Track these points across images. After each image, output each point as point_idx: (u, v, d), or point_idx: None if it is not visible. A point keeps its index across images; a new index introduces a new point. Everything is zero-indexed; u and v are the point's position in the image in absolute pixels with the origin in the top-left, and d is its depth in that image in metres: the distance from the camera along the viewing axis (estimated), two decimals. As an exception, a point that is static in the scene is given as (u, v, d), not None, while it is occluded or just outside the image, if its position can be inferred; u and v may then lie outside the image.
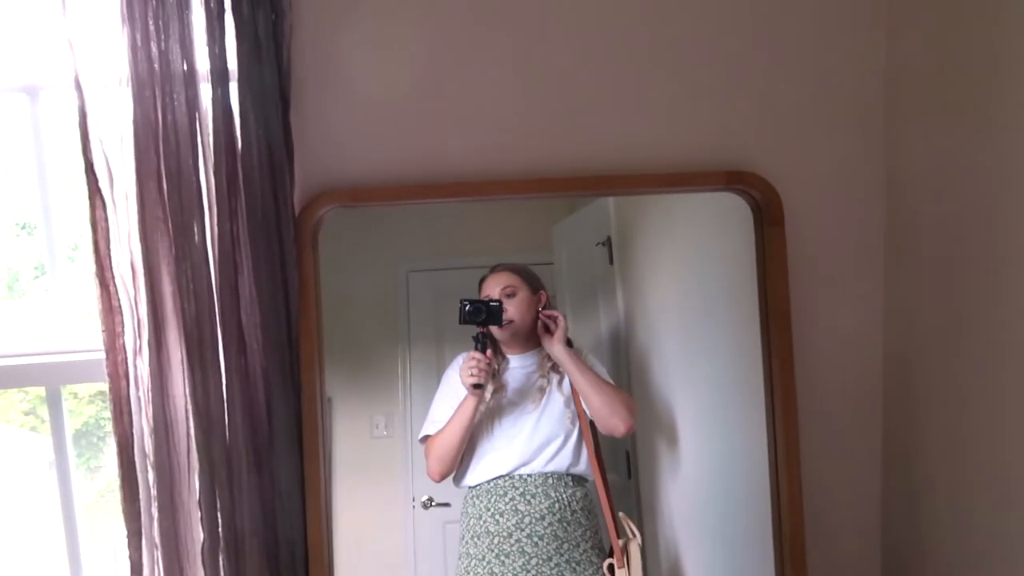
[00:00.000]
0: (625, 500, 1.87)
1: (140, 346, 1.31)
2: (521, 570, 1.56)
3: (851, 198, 1.55)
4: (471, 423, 1.56)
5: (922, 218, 1.44)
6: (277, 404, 1.35)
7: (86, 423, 2.80)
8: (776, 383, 1.50)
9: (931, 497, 1.45)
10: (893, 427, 1.57)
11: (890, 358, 1.56)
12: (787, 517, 1.49)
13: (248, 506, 1.31)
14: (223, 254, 1.31)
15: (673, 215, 1.83)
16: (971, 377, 1.31)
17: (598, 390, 1.62)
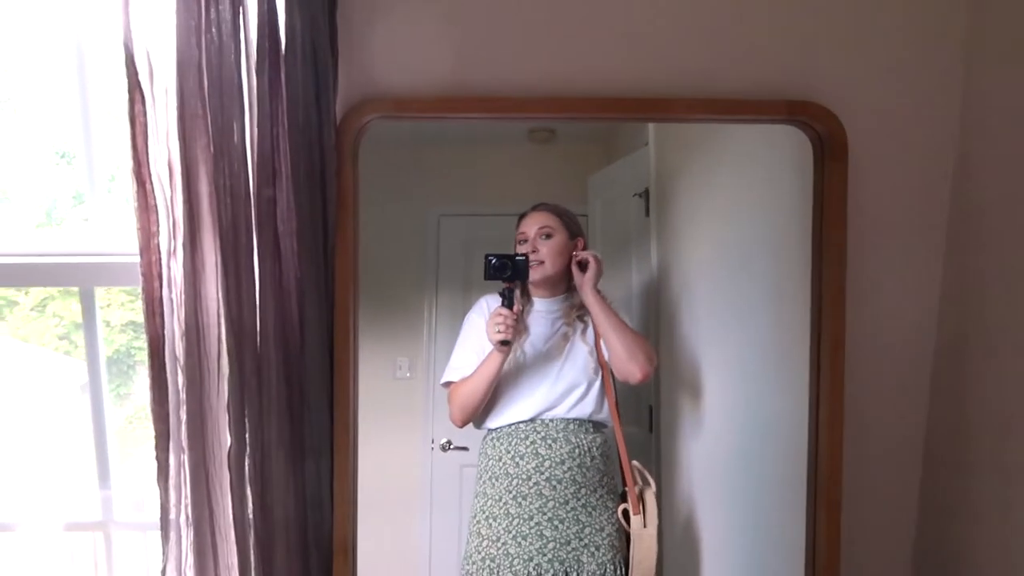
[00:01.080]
0: (645, 452, 1.85)
1: (175, 247, 1.29)
2: (537, 512, 1.56)
3: (920, 138, 1.46)
4: (496, 377, 1.55)
5: (996, 166, 1.36)
6: (310, 316, 1.32)
7: (117, 351, 2.83)
8: (825, 331, 1.43)
9: (979, 463, 1.39)
10: (944, 378, 1.50)
11: (946, 315, 1.49)
12: (825, 477, 1.43)
13: (276, 415, 1.29)
14: (262, 157, 1.28)
15: (719, 159, 1.77)
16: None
17: (620, 333, 1.60)
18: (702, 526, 1.81)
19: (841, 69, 1.43)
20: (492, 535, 1.60)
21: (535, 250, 1.61)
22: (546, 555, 1.57)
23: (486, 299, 1.67)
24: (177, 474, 1.29)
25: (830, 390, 1.42)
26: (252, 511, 1.31)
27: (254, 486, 1.29)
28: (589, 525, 1.60)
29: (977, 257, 1.40)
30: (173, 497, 1.29)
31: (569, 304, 1.66)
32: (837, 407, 1.40)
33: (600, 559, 1.60)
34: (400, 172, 1.89)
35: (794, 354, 1.53)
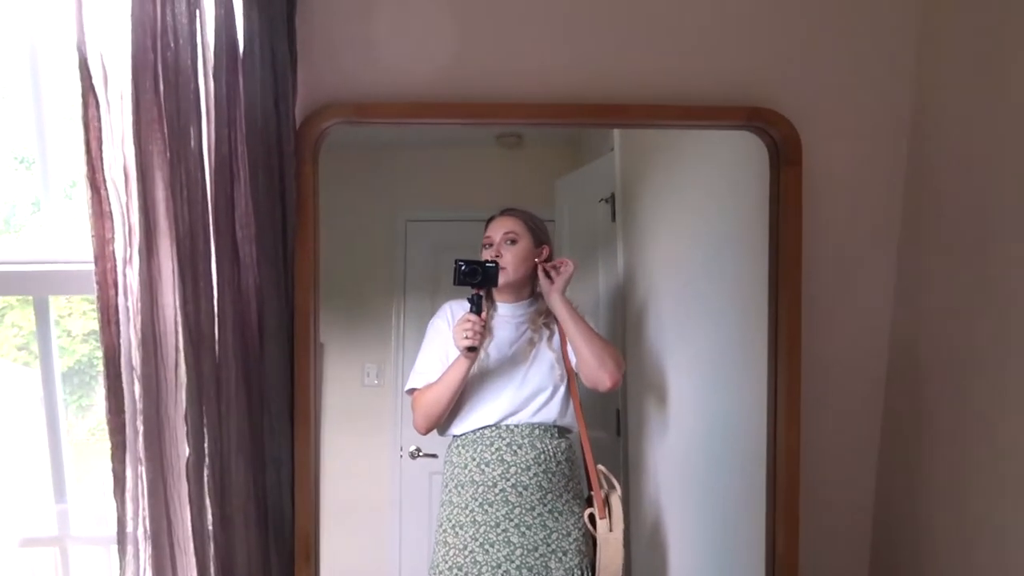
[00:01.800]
0: (613, 457, 1.85)
1: (131, 254, 1.27)
2: (504, 519, 1.55)
3: (873, 143, 1.49)
4: (462, 383, 1.54)
5: (947, 169, 1.38)
6: (270, 323, 1.30)
7: (79, 361, 2.77)
8: (781, 332, 1.45)
9: (931, 467, 1.41)
10: (898, 383, 1.52)
11: (901, 314, 1.51)
12: (783, 474, 1.45)
13: (235, 423, 1.28)
14: (219, 162, 1.26)
15: (681, 164, 1.79)
16: (985, 328, 1.26)
17: (589, 341, 1.60)
18: (669, 528, 1.82)
19: (796, 76, 1.46)
20: (459, 544, 1.59)
21: (499, 255, 1.61)
22: (514, 562, 1.57)
23: (450, 305, 1.66)
24: (134, 486, 1.26)
25: (787, 390, 1.44)
26: (212, 522, 1.29)
27: (213, 496, 1.27)
28: (556, 530, 1.59)
29: (929, 258, 1.43)
30: (130, 509, 1.26)
31: (535, 310, 1.65)
32: (794, 407, 1.42)
33: (568, 564, 1.60)
34: (367, 177, 1.88)
35: (755, 356, 1.54)
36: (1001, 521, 1.22)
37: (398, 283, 1.99)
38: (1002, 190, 1.22)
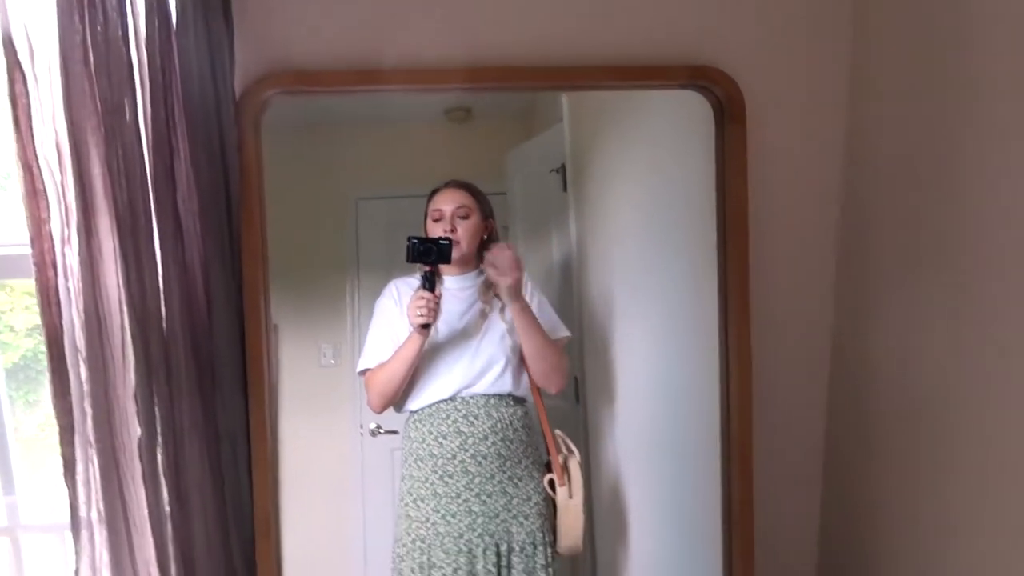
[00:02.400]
0: (572, 424, 1.87)
1: (68, 234, 1.24)
2: (464, 489, 1.56)
3: (814, 99, 1.51)
4: (416, 359, 1.54)
5: (885, 121, 1.42)
6: (218, 298, 1.28)
7: (24, 356, 2.69)
8: (731, 287, 1.47)
9: (877, 412, 1.45)
10: (843, 337, 1.56)
11: (843, 263, 1.55)
12: (736, 426, 1.48)
13: (187, 401, 1.26)
14: (157, 136, 1.23)
15: (629, 130, 1.80)
16: (925, 287, 1.30)
17: (541, 354, 1.61)
18: (629, 491, 1.85)
19: (739, 34, 1.47)
20: (421, 516, 1.59)
21: (452, 229, 1.60)
22: (476, 530, 1.58)
23: (395, 283, 1.65)
24: (85, 469, 1.24)
25: (737, 347, 1.47)
26: (168, 502, 1.27)
27: (168, 476, 1.25)
28: (516, 496, 1.61)
29: (871, 210, 1.47)
30: (83, 494, 1.24)
31: (483, 281, 1.65)
32: (745, 362, 1.45)
33: (529, 528, 1.61)
34: (316, 156, 1.85)
35: (707, 315, 1.57)
36: (947, 457, 1.26)
37: (351, 262, 1.97)
38: (939, 146, 1.26)
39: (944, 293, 1.25)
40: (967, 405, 1.21)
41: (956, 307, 1.23)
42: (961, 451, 1.22)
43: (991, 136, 1.13)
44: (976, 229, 1.17)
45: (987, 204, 1.15)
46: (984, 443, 1.18)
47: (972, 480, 1.20)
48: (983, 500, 1.18)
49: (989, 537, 1.17)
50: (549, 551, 1.63)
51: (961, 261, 1.21)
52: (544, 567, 1.62)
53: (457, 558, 1.57)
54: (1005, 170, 1.11)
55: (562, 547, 1.64)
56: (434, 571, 1.57)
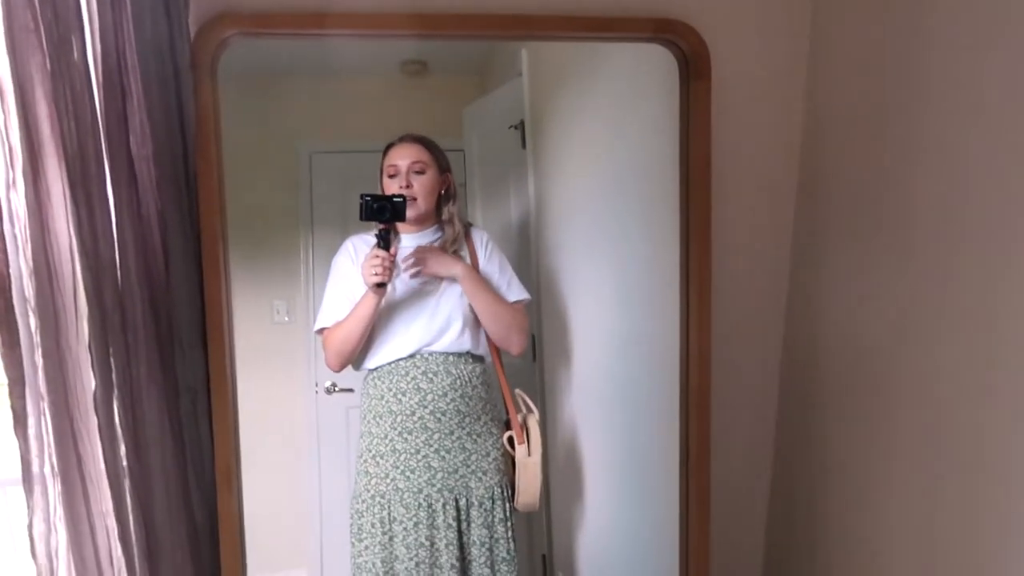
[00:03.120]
0: (529, 381, 1.89)
1: (14, 177, 1.17)
2: (424, 445, 1.56)
3: (776, 54, 1.53)
4: (372, 318, 1.53)
5: (845, 82, 1.44)
6: (174, 247, 1.24)
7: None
8: (693, 241, 1.49)
9: (828, 362, 1.49)
10: (799, 292, 1.60)
11: (801, 220, 1.58)
12: (695, 378, 1.50)
13: (145, 353, 1.22)
14: (108, 75, 1.18)
15: (590, 85, 1.79)
16: (880, 238, 1.33)
17: (495, 317, 1.61)
18: (584, 446, 1.88)
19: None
20: (380, 472, 1.59)
21: (408, 185, 1.57)
22: (435, 485, 1.59)
23: (351, 240, 1.63)
24: (37, 423, 1.19)
25: (698, 299, 1.48)
26: (125, 455, 1.24)
27: (126, 429, 1.22)
28: (475, 452, 1.62)
29: (829, 169, 1.49)
30: (35, 447, 1.19)
31: (440, 240, 1.64)
32: (705, 314, 1.47)
33: (487, 483, 1.63)
34: (269, 109, 1.80)
35: (666, 273, 1.58)
36: (892, 401, 1.31)
37: (305, 217, 1.94)
38: (897, 108, 1.28)
39: (892, 253, 1.28)
40: (911, 358, 1.25)
41: (904, 266, 1.26)
42: (905, 402, 1.27)
43: (951, 98, 1.15)
44: (929, 192, 1.20)
45: (943, 169, 1.17)
46: (924, 395, 1.22)
47: (913, 428, 1.25)
48: (923, 449, 1.23)
49: (925, 488, 1.22)
50: (508, 506, 1.66)
51: (913, 222, 1.24)
52: (503, 521, 1.64)
53: (417, 512, 1.58)
54: (964, 137, 1.13)
55: (520, 503, 1.66)
56: (395, 525, 1.58)
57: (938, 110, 1.18)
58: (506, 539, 1.65)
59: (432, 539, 1.59)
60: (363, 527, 1.60)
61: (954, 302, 1.14)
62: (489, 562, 1.63)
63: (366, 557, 1.59)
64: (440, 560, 1.59)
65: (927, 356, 1.21)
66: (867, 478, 1.36)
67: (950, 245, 1.15)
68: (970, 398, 1.12)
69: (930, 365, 1.20)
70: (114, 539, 1.24)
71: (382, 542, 1.58)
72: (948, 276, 1.16)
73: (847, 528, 1.42)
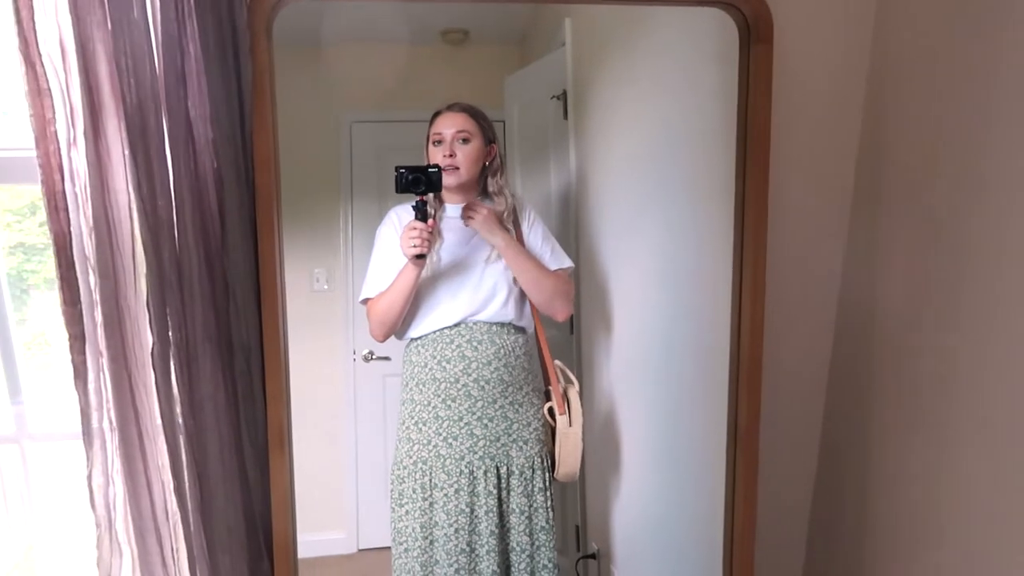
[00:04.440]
0: (567, 354, 1.89)
1: (75, 136, 1.19)
2: (467, 412, 1.57)
3: (840, 17, 1.48)
4: (413, 290, 1.53)
5: (912, 49, 1.39)
6: (230, 206, 1.25)
7: (8, 275, 2.63)
8: (749, 211, 1.45)
9: (882, 341, 1.46)
10: (854, 268, 1.57)
11: (860, 192, 1.55)
12: (747, 351, 1.48)
13: (201, 311, 1.24)
14: (167, 34, 1.18)
15: (637, 54, 1.77)
16: (936, 214, 1.30)
17: (537, 283, 1.61)
18: (622, 419, 1.88)
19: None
20: (423, 439, 1.60)
21: (452, 154, 1.57)
22: (477, 452, 1.60)
23: (396, 211, 1.63)
24: (96, 378, 1.22)
25: (752, 273, 1.46)
26: (181, 412, 1.26)
27: (182, 385, 1.24)
28: (517, 421, 1.63)
29: (891, 140, 1.45)
30: (94, 401, 1.22)
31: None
32: (759, 287, 1.45)
33: (528, 452, 1.64)
34: (310, 77, 1.80)
35: (713, 244, 1.56)
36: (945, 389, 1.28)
37: (345, 187, 1.95)
38: (967, 79, 1.24)
39: (951, 229, 1.26)
40: (966, 338, 1.22)
41: (958, 242, 1.23)
42: (958, 388, 1.24)
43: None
44: (1002, 166, 1.16)
45: (1016, 138, 1.13)
46: (979, 390, 1.19)
47: (967, 417, 1.23)
48: (976, 435, 1.20)
49: (976, 467, 1.20)
50: (547, 476, 1.66)
51: (971, 200, 1.21)
52: (542, 490, 1.65)
53: (459, 479, 1.59)
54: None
55: (560, 474, 1.67)
56: (436, 491, 1.60)
57: (1015, 77, 1.13)
58: (545, 508, 1.66)
59: (472, 506, 1.60)
60: (404, 492, 1.61)
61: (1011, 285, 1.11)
62: (528, 530, 1.64)
63: (406, 522, 1.61)
64: (479, 527, 1.60)
65: (982, 349, 1.18)
66: (916, 465, 1.34)
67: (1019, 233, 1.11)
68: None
69: (985, 360, 1.17)
70: (169, 493, 1.27)
71: (423, 507, 1.60)
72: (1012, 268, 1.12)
73: (894, 515, 1.41)
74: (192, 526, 1.28)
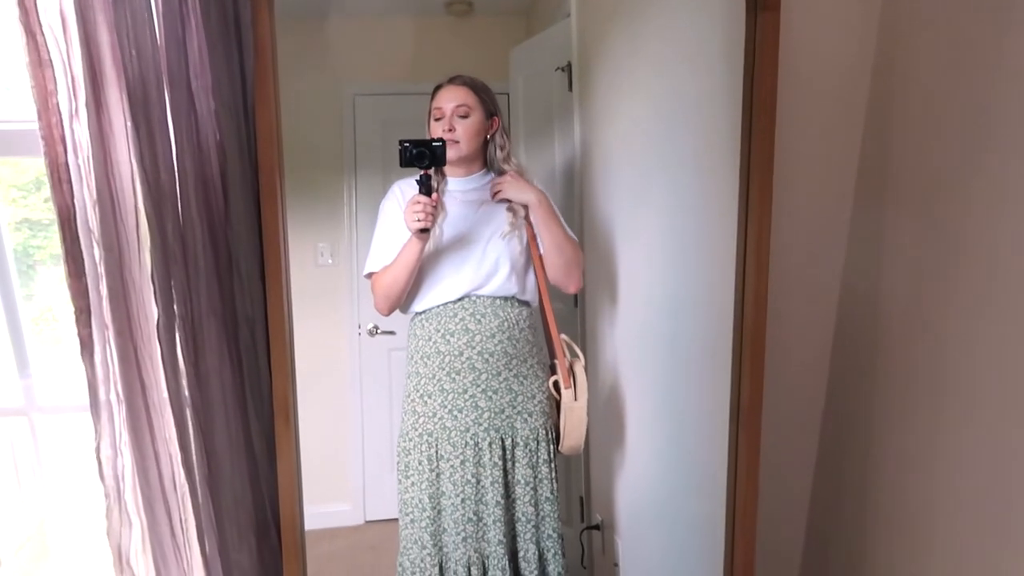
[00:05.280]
0: (571, 326, 1.88)
1: (76, 107, 1.19)
2: (471, 385, 1.58)
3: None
4: (417, 264, 1.53)
5: (918, 18, 1.37)
6: (233, 178, 1.25)
7: (14, 250, 2.64)
8: (754, 183, 1.44)
9: (886, 324, 1.46)
10: (858, 245, 1.56)
11: (866, 159, 1.53)
12: (750, 326, 1.46)
13: (205, 284, 1.24)
14: (168, 5, 1.17)
15: (642, 25, 1.74)
16: (942, 177, 1.28)
17: (560, 248, 1.61)
18: (626, 393, 1.88)
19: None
20: (428, 411, 1.61)
21: (451, 128, 1.56)
22: (482, 424, 1.60)
23: (399, 185, 1.62)
24: (103, 350, 1.22)
25: (756, 243, 1.44)
26: (187, 385, 1.27)
27: (187, 357, 1.24)
28: (521, 393, 1.63)
29: (897, 97, 1.44)
30: (101, 374, 1.23)
31: (486, 182, 1.62)
32: (763, 257, 1.44)
33: (532, 424, 1.64)
34: (312, 50, 1.78)
35: (718, 217, 1.55)
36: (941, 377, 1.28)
37: (348, 160, 1.93)
38: (977, 40, 1.22)
39: (954, 209, 1.25)
40: (967, 326, 1.22)
41: (961, 228, 1.22)
42: (958, 374, 1.24)
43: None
44: (999, 157, 1.15)
45: (1011, 131, 1.12)
46: (985, 380, 1.19)
47: (966, 405, 1.22)
48: (972, 427, 1.20)
49: (975, 456, 1.20)
50: (551, 448, 1.67)
51: (975, 185, 1.19)
52: (546, 462, 1.66)
53: (464, 451, 1.60)
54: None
55: (565, 447, 1.68)
56: (442, 463, 1.61)
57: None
58: (549, 480, 1.67)
59: (478, 477, 1.61)
60: (410, 464, 1.62)
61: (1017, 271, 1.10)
62: (533, 501, 1.65)
63: (413, 493, 1.62)
64: (485, 497, 1.61)
65: (982, 338, 1.17)
66: (916, 451, 1.34)
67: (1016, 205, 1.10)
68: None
69: (984, 349, 1.17)
70: (177, 465, 1.28)
71: (429, 479, 1.61)
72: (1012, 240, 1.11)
73: (895, 500, 1.41)
74: (200, 497, 1.29)
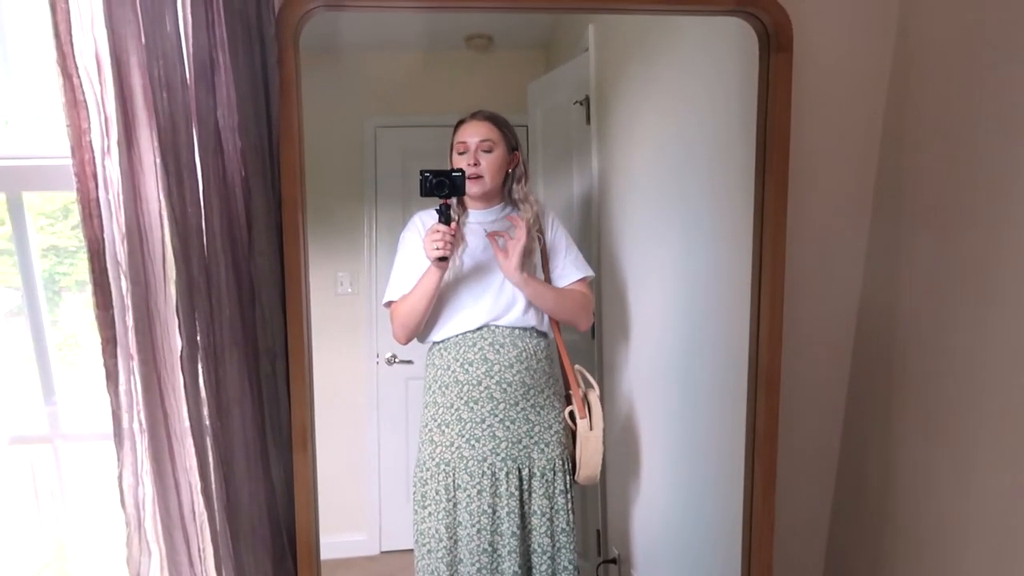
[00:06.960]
0: (588, 359, 1.89)
1: (108, 145, 1.22)
2: (489, 415, 1.59)
3: (862, 28, 1.49)
4: (435, 293, 1.55)
5: (932, 52, 1.39)
6: (258, 214, 1.28)
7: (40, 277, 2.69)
8: (768, 220, 1.46)
9: (902, 351, 1.46)
10: (875, 280, 1.56)
11: (881, 196, 1.54)
12: (765, 353, 1.48)
13: (228, 316, 1.27)
14: (198, 47, 1.21)
15: (658, 61, 1.77)
16: (961, 220, 1.29)
17: (559, 308, 1.64)
18: (642, 424, 1.88)
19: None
20: (445, 441, 1.62)
21: (476, 163, 1.59)
22: (499, 454, 1.61)
23: (419, 215, 1.65)
24: (127, 380, 1.25)
25: (771, 278, 1.46)
26: (208, 415, 1.29)
27: (209, 389, 1.27)
28: (538, 423, 1.64)
29: (911, 150, 1.45)
30: (124, 403, 1.26)
31: (506, 215, 1.65)
32: (778, 289, 1.45)
33: (549, 455, 1.65)
34: (335, 83, 1.82)
35: (736, 251, 1.56)
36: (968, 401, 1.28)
37: (369, 191, 1.97)
38: (989, 91, 1.23)
39: (973, 238, 1.25)
40: (987, 347, 1.21)
41: (990, 258, 1.22)
42: (979, 398, 1.23)
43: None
44: (1014, 181, 1.16)
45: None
46: (1005, 399, 1.18)
47: (989, 426, 1.22)
48: (994, 445, 1.20)
49: (999, 478, 1.19)
50: (568, 479, 1.67)
51: (993, 210, 1.20)
52: (563, 493, 1.66)
53: (481, 480, 1.61)
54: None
55: (581, 477, 1.68)
56: (459, 492, 1.61)
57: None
58: (566, 511, 1.67)
59: (495, 507, 1.62)
60: (427, 494, 1.63)
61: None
62: (549, 532, 1.66)
63: (429, 523, 1.62)
64: (501, 528, 1.62)
65: (1003, 357, 1.17)
66: (937, 480, 1.33)
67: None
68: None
69: (1008, 368, 1.16)
70: (197, 494, 1.30)
71: (446, 508, 1.62)
72: None
73: (913, 524, 1.40)
74: (218, 526, 1.31)
